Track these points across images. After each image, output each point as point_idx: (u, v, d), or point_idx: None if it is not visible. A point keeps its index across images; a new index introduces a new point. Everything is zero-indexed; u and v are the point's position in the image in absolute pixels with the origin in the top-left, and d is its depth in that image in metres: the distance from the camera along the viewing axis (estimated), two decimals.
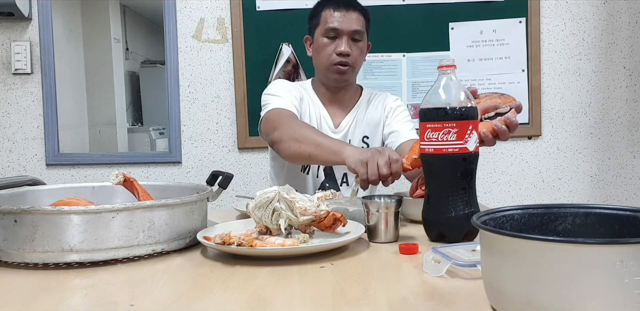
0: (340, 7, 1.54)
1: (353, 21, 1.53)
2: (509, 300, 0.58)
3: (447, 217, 0.97)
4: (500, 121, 1.11)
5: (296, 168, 1.62)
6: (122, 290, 0.76)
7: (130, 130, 2.99)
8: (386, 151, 1.16)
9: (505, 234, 0.57)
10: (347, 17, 1.53)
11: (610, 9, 2.31)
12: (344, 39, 1.53)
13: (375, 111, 1.66)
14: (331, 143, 1.32)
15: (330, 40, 1.55)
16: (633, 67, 2.33)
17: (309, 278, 0.79)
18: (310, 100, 1.64)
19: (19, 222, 0.85)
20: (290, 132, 1.40)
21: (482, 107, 1.14)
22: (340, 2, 1.55)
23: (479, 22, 2.29)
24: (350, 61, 1.55)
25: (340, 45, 1.53)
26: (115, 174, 1.05)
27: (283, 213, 0.93)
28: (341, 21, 1.53)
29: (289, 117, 1.49)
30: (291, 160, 1.48)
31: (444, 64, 0.98)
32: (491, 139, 1.12)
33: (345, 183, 1.64)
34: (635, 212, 0.66)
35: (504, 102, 1.14)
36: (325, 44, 1.55)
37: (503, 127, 1.11)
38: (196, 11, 2.32)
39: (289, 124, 1.44)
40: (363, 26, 1.56)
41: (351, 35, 1.53)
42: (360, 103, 1.67)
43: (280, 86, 1.63)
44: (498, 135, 1.12)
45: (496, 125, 1.11)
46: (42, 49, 2.29)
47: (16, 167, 2.34)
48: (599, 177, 2.36)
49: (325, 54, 1.56)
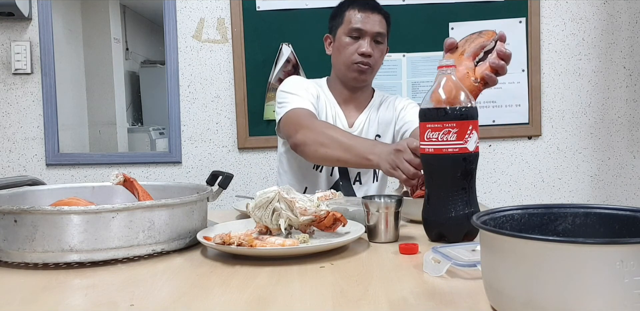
0: (366, 8, 1.57)
1: (377, 23, 1.56)
2: (509, 300, 0.58)
3: (447, 217, 0.97)
4: (495, 58, 1.10)
5: (309, 165, 1.63)
6: (122, 290, 0.76)
7: (130, 130, 2.99)
8: (403, 144, 1.18)
9: (505, 234, 0.57)
10: (372, 18, 1.56)
11: (610, 9, 2.31)
12: (367, 40, 1.55)
13: (387, 111, 1.69)
14: (359, 147, 1.31)
15: (353, 40, 1.57)
16: (633, 67, 2.33)
17: (309, 278, 0.78)
18: (325, 99, 1.65)
19: (19, 222, 0.85)
20: (315, 135, 1.39)
21: (470, 52, 1.12)
22: (366, 4, 1.58)
23: (479, 22, 2.29)
24: (371, 62, 1.57)
25: (363, 45, 1.55)
26: (115, 174, 1.05)
27: (283, 213, 0.93)
28: (365, 22, 1.55)
29: (310, 117, 1.49)
30: (319, 162, 1.49)
31: (444, 63, 0.98)
32: (494, 79, 1.11)
33: (358, 181, 1.65)
34: (635, 212, 0.66)
35: (487, 38, 1.12)
36: (348, 43, 1.57)
37: (500, 62, 1.10)
38: (196, 11, 2.32)
39: (311, 126, 1.44)
40: (385, 29, 1.59)
41: (374, 37, 1.56)
42: (373, 104, 1.70)
43: (297, 84, 1.63)
44: (498, 72, 1.11)
45: (493, 63, 1.09)
46: (42, 49, 2.30)
47: (16, 167, 2.34)
48: (599, 177, 2.36)
49: (347, 52, 1.57)
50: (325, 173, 1.63)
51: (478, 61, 1.12)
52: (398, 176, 1.18)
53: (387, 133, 1.68)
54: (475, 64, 1.12)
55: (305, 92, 1.57)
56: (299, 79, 1.69)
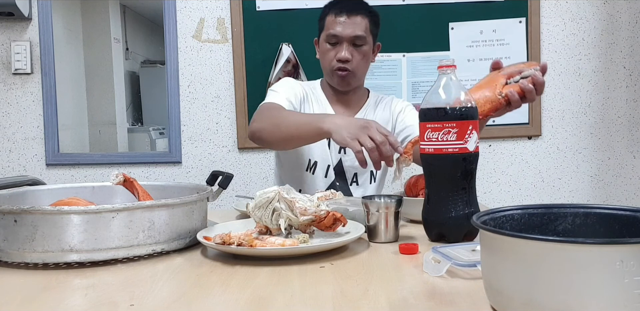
0: (342, 12, 1.52)
1: (355, 26, 1.52)
2: (509, 300, 0.58)
3: (447, 217, 0.97)
4: (527, 81, 1.13)
5: (301, 167, 1.62)
6: (122, 290, 0.76)
7: (130, 130, 2.99)
8: (372, 123, 1.15)
9: (505, 234, 0.57)
10: (349, 22, 1.52)
11: (610, 9, 2.31)
12: (344, 45, 1.53)
13: (383, 112, 1.67)
14: (311, 119, 1.29)
15: (332, 46, 1.55)
16: (633, 67, 2.33)
17: (309, 278, 0.79)
18: (317, 100, 1.65)
19: (19, 221, 0.85)
20: (269, 119, 1.40)
21: (507, 72, 1.16)
22: (343, 7, 1.53)
23: (479, 22, 2.29)
24: (350, 67, 1.54)
25: (340, 51, 1.53)
26: (115, 174, 1.05)
27: (283, 213, 0.93)
28: (342, 27, 1.52)
29: (272, 109, 1.46)
30: (277, 147, 1.47)
31: (444, 63, 0.98)
32: (517, 99, 1.13)
33: (355, 182, 1.65)
34: (635, 212, 0.66)
35: (528, 66, 1.16)
36: (328, 49, 1.56)
37: (530, 85, 1.12)
38: (196, 11, 2.32)
39: (269, 113, 1.44)
40: (366, 30, 1.54)
41: (352, 41, 1.53)
42: (367, 105, 1.68)
43: (283, 83, 1.64)
44: (525, 95, 1.13)
45: (523, 84, 1.12)
46: (42, 48, 2.29)
47: (16, 167, 2.34)
48: (598, 177, 2.36)
49: (327, 59, 1.57)
50: (321, 174, 1.62)
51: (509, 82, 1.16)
52: (353, 146, 1.14)
53: None
54: (507, 82, 1.15)
55: (286, 90, 1.57)
56: (287, 80, 1.68)
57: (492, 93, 1.13)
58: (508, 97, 1.13)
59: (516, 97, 1.13)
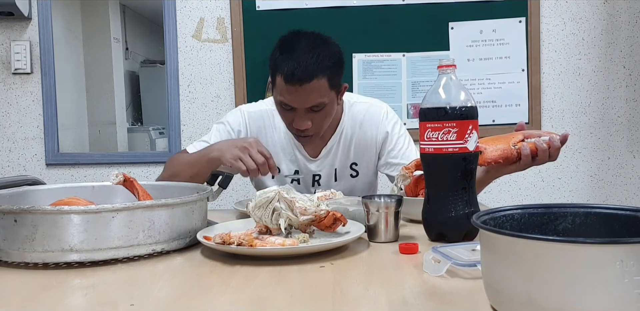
0: (294, 81, 1.29)
1: (310, 96, 1.32)
2: (509, 300, 0.58)
3: (447, 217, 0.97)
4: (543, 140, 1.16)
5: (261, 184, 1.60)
6: (122, 290, 0.76)
7: (130, 129, 3.00)
8: (250, 141, 1.30)
9: (505, 234, 0.57)
10: (302, 92, 1.31)
11: (610, 8, 2.31)
12: (300, 113, 1.36)
13: (364, 135, 1.54)
14: (199, 154, 1.39)
15: (286, 110, 1.38)
16: (633, 67, 2.33)
17: (309, 278, 0.79)
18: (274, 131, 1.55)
19: (19, 221, 0.85)
20: (166, 171, 1.47)
21: (527, 132, 1.20)
22: (291, 75, 1.29)
23: (478, 21, 2.29)
24: (312, 131, 1.40)
25: (297, 119, 1.37)
26: (115, 174, 1.05)
27: (283, 213, 0.93)
28: (294, 98, 1.33)
29: (171, 160, 1.52)
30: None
31: (443, 63, 0.98)
32: (528, 154, 1.16)
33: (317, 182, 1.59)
34: (635, 211, 0.66)
35: (548, 133, 1.20)
36: (282, 111, 1.40)
37: (544, 145, 1.16)
38: (196, 11, 2.32)
39: (167, 165, 1.50)
40: (325, 91, 1.34)
41: (310, 108, 1.36)
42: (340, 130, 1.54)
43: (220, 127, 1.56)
44: (537, 154, 1.16)
45: (538, 141, 1.16)
46: (42, 48, 2.29)
47: (16, 167, 2.34)
48: (598, 177, 2.36)
49: (284, 119, 1.43)
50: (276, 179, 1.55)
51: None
52: (237, 167, 1.27)
53: (362, 160, 1.56)
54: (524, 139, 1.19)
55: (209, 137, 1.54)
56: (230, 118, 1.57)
57: (506, 144, 1.17)
58: (520, 149, 1.16)
59: (528, 151, 1.15)
